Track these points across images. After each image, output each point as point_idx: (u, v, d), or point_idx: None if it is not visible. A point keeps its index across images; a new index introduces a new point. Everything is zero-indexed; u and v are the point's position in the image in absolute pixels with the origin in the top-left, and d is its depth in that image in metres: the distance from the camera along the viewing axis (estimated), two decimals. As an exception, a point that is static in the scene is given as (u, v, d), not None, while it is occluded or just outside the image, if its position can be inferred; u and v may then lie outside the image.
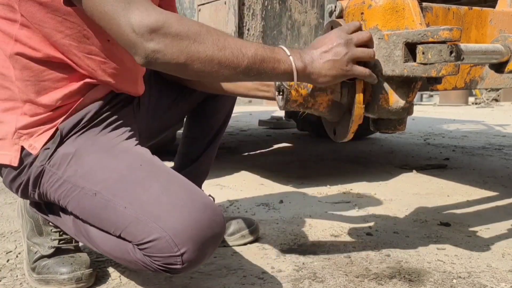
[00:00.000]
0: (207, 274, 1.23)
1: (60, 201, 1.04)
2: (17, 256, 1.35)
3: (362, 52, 0.96)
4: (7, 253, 1.37)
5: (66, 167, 1.02)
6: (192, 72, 0.90)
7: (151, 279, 1.20)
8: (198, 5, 2.01)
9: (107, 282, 1.18)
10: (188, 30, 0.86)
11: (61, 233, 1.20)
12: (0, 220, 1.69)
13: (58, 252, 1.19)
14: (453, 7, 1.18)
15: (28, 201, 1.22)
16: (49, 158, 1.03)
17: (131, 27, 0.85)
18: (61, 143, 1.04)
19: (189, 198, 0.95)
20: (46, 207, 1.16)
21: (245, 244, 1.44)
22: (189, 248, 0.92)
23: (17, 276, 1.22)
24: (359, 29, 1.00)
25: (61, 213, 1.12)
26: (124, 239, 0.97)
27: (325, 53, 0.95)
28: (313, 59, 0.95)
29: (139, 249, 0.95)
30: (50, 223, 1.20)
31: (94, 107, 1.07)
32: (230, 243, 1.44)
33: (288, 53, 0.93)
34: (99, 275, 1.22)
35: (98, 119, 1.07)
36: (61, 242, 1.20)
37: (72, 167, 1.02)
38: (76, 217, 1.06)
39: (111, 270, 1.25)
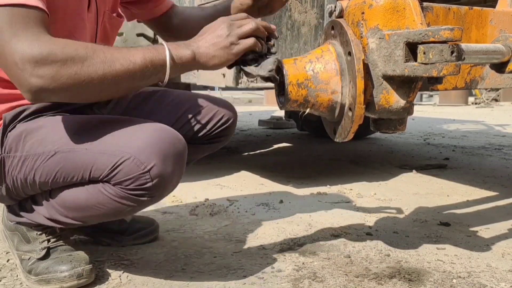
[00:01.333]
0: (207, 273, 1.23)
1: (28, 178, 1.06)
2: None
3: (243, 30, 1.00)
4: (7, 253, 1.37)
5: (22, 144, 1.06)
6: (90, 95, 0.92)
7: (151, 279, 1.20)
8: (198, 5, 2.00)
9: (107, 282, 1.18)
10: (75, 55, 0.85)
11: (47, 233, 1.21)
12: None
13: (50, 252, 1.19)
14: (454, 7, 1.18)
15: (6, 221, 1.25)
16: (1, 147, 1.07)
17: (14, 61, 0.83)
18: (5, 130, 1.08)
19: (149, 125, 1.04)
20: (19, 209, 1.18)
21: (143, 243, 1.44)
22: (156, 163, 0.97)
23: (17, 276, 1.21)
24: (246, 18, 1.04)
25: (33, 206, 1.15)
26: (94, 181, 1.01)
27: (209, 36, 1.00)
28: (199, 45, 0.99)
29: (109, 183, 0.99)
30: (32, 226, 1.20)
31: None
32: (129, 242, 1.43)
33: (166, 47, 0.96)
34: (99, 275, 1.22)
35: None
36: (50, 241, 1.20)
37: (28, 142, 1.06)
38: (47, 191, 1.09)
39: (111, 270, 1.25)
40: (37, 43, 0.84)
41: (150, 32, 2.24)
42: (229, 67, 1.06)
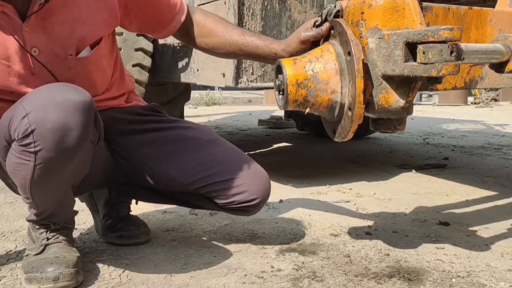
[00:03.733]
0: (207, 273, 1.23)
1: None
2: (17, 255, 1.35)
3: None
4: (7, 252, 1.37)
5: None
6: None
7: (151, 278, 1.20)
8: (198, 5, 2.01)
9: (107, 282, 1.18)
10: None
11: (47, 231, 1.22)
12: (0, 220, 1.69)
13: (46, 249, 1.20)
14: (453, 7, 1.18)
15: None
16: None
17: None
18: None
19: (54, 88, 1.07)
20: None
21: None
22: (33, 109, 1.01)
23: (17, 275, 1.22)
24: None
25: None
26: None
27: None
28: None
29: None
30: (32, 222, 1.24)
31: None
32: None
33: None
34: (99, 274, 1.22)
35: None
36: (49, 239, 1.22)
37: None
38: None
39: (111, 269, 1.25)
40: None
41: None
42: None
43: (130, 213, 1.52)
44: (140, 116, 1.38)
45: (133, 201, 1.54)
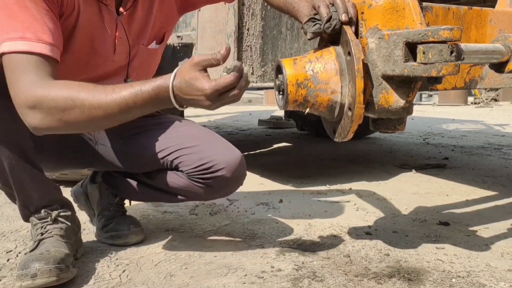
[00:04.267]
0: (207, 273, 1.23)
1: None
2: (17, 256, 1.35)
3: (227, 101, 1.02)
4: (7, 252, 1.37)
5: None
6: (74, 130, 1.13)
7: (151, 278, 1.20)
8: (198, 5, 2.00)
9: (107, 282, 1.18)
10: (57, 105, 1.02)
11: (42, 226, 1.24)
12: (0, 220, 1.69)
13: (40, 244, 1.22)
14: (453, 7, 1.18)
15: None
16: None
17: (15, 101, 1.05)
18: None
19: None
20: None
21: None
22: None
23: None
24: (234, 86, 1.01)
25: None
26: None
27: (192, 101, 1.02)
28: (182, 98, 1.03)
29: None
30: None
31: None
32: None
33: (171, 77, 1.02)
34: (99, 274, 1.22)
35: None
36: (43, 234, 1.24)
37: None
38: None
39: (111, 269, 1.25)
40: (32, 90, 1.02)
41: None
42: None
43: (126, 213, 1.54)
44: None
45: (127, 201, 1.56)
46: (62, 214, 1.28)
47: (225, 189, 1.34)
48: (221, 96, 1.01)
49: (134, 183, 1.46)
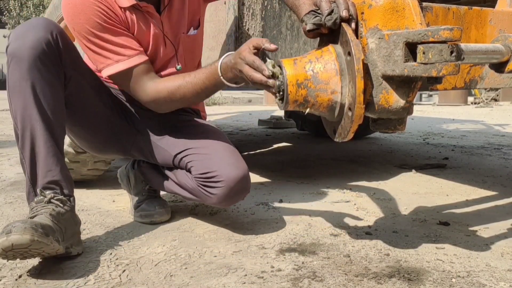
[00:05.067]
0: (207, 273, 1.23)
1: None
2: (17, 255, 1.35)
3: (249, 77, 1.18)
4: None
5: None
6: (180, 106, 1.48)
7: (151, 278, 1.20)
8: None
9: (107, 282, 1.18)
10: (167, 95, 1.40)
11: (36, 207, 1.27)
12: (0, 220, 1.69)
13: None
14: (453, 7, 1.18)
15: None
16: None
17: (142, 100, 1.46)
18: None
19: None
20: None
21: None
22: None
23: (17, 275, 1.21)
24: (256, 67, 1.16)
25: None
26: None
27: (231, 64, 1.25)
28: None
29: None
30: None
31: None
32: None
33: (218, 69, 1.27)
34: (99, 275, 1.22)
35: None
36: (34, 212, 1.26)
37: None
38: None
39: (111, 269, 1.25)
40: (146, 93, 1.42)
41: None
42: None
43: (158, 196, 1.76)
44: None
45: None
46: (57, 198, 1.29)
47: (223, 201, 1.44)
48: (245, 67, 1.17)
49: (160, 175, 1.64)
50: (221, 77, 1.27)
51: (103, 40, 1.37)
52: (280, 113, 5.68)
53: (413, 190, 2.17)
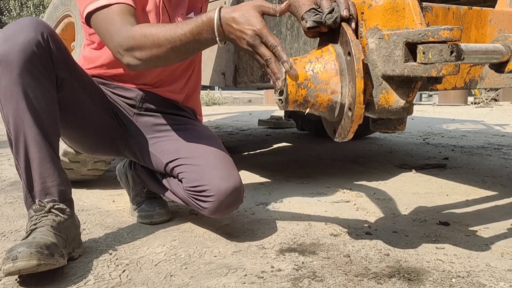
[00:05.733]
0: (207, 273, 1.23)
1: None
2: (17, 255, 1.35)
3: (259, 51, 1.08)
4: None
5: None
6: (166, 63, 1.29)
7: (151, 278, 1.20)
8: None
9: (107, 282, 1.18)
10: (145, 44, 1.20)
11: (36, 217, 1.26)
12: (0, 220, 1.69)
13: (31, 234, 1.23)
14: (453, 7, 1.18)
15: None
16: None
17: (112, 48, 1.28)
18: None
19: None
20: None
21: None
22: None
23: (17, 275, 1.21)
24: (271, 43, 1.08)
25: None
26: None
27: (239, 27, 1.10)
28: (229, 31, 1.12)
29: None
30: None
31: None
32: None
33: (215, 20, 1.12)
34: (99, 274, 1.22)
35: None
36: (35, 224, 1.24)
37: None
38: None
39: (111, 269, 1.25)
40: (121, 36, 1.23)
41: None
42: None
43: (158, 196, 1.73)
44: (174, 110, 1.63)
45: None
46: (57, 207, 1.28)
47: (214, 214, 1.42)
48: (257, 44, 1.06)
49: (154, 180, 1.63)
50: (217, 38, 1.13)
51: None
52: (280, 113, 5.68)
53: (413, 190, 2.17)
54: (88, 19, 1.33)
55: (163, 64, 1.29)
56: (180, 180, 1.46)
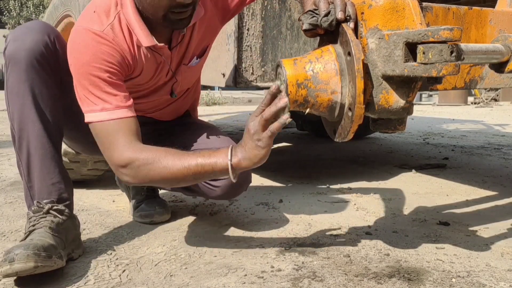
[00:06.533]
0: (207, 273, 1.23)
1: None
2: (17, 255, 1.35)
3: (271, 135, 1.13)
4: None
5: None
6: (156, 184, 1.40)
7: (151, 278, 1.20)
8: (198, 5, 2.00)
9: (107, 282, 1.18)
10: (145, 165, 1.18)
11: (35, 218, 1.26)
12: (0, 220, 1.69)
13: (30, 235, 1.22)
14: (453, 7, 1.18)
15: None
16: None
17: (111, 162, 1.24)
18: None
19: None
20: None
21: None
22: None
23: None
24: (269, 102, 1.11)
25: None
26: None
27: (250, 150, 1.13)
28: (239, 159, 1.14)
29: None
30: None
31: None
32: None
33: (228, 156, 1.14)
34: (99, 274, 1.22)
35: None
36: (34, 225, 1.24)
37: None
38: None
39: (111, 269, 1.25)
40: (125, 154, 1.20)
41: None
42: None
43: (157, 196, 1.76)
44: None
45: None
46: (55, 208, 1.28)
47: (227, 193, 1.45)
48: (263, 128, 1.12)
49: None
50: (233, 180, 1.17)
51: (96, 86, 1.22)
52: (280, 113, 5.66)
53: (413, 190, 2.17)
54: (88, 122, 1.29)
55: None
56: None
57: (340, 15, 1.04)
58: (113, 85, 1.23)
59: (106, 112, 1.22)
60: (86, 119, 1.24)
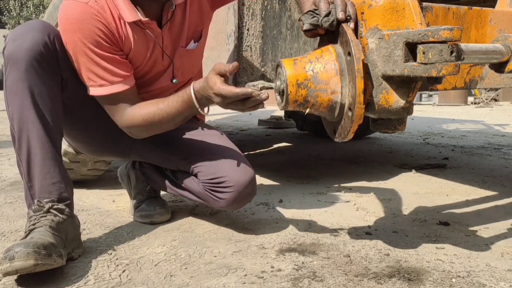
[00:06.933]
0: (207, 273, 1.23)
1: None
2: (17, 255, 1.35)
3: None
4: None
5: None
6: (159, 131, 1.43)
7: (151, 278, 1.20)
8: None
9: (107, 282, 1.18)
10: (145, 122, 1.37)
11: (35, 217, 1.26)
12: (0, 220, 1.69)
13: (30, 234, 1.22)
14: (453, 7, 1.18)
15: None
16: None
17: (118, 125, 1.42)
18: None
19: None
20: None
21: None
22: None
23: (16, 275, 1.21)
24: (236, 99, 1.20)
25: None
26: None
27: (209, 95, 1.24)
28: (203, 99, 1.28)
29: None
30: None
31: None
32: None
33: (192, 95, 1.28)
34: (99, 274, 1.22)
35: None
36: (34, 224, 1.24)
37: None
38: None
39: (111, 269, 1.25)
40: (122, 119, 1.39)
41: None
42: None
43: (158, 196, 1.76)
44: None
45: None
46: (55, 207, 1.28)
47: (232, 205, 1.46)
48: (225, 100, 1.19)
49: (162, 176, 1.65)
50: (198, 109, 1.29)
51: (92, 62, 1.32)
52: (280, 113, 5.68)
53: (413, 190, 2.17)
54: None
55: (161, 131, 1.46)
56: (195, 175, 1.49)
57: (341, 15, 1.04)
58: (109, 60, 1.33)
59: (103, 88, 1.35)
60: (89, 92, 1.36)
